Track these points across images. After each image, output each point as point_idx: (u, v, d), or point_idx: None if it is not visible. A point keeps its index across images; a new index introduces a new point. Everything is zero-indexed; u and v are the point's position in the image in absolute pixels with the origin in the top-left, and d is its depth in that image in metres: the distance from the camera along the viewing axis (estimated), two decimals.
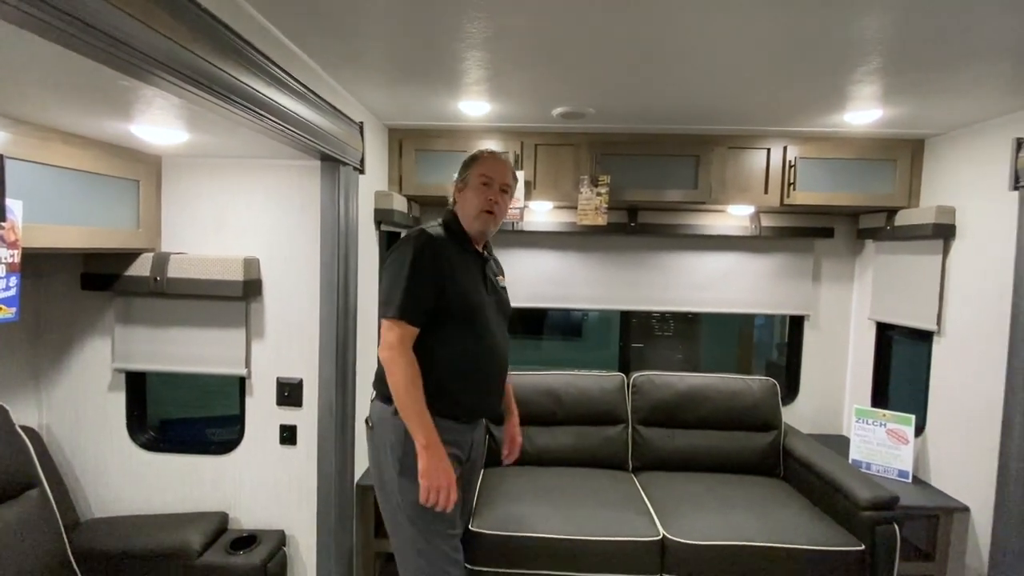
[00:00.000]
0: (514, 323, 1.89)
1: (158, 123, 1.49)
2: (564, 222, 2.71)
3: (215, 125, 1.50)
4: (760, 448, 2.62)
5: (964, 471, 2.19)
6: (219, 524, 1.96)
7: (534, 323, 5.22)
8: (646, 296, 2.93)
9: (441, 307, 1.53)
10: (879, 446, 2.42)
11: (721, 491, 2.38)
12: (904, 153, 2.43)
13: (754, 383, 2.70)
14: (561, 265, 2.93)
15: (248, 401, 2.02)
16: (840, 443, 2.66)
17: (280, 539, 1.98)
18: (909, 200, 2.45)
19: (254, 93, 1.32)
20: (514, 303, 1.88)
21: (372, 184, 2.30)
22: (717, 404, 2.66)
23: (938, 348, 2.34)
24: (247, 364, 2.00)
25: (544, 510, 2.17)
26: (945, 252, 2.30)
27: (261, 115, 1.36)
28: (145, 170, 1.89)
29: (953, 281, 2.28)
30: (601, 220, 2.47)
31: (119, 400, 2.02)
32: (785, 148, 2.45)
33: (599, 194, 2.45)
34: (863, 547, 2.01)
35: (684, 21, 1.37)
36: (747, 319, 4.53)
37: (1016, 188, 1.89)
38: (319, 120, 1.66)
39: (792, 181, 2.44)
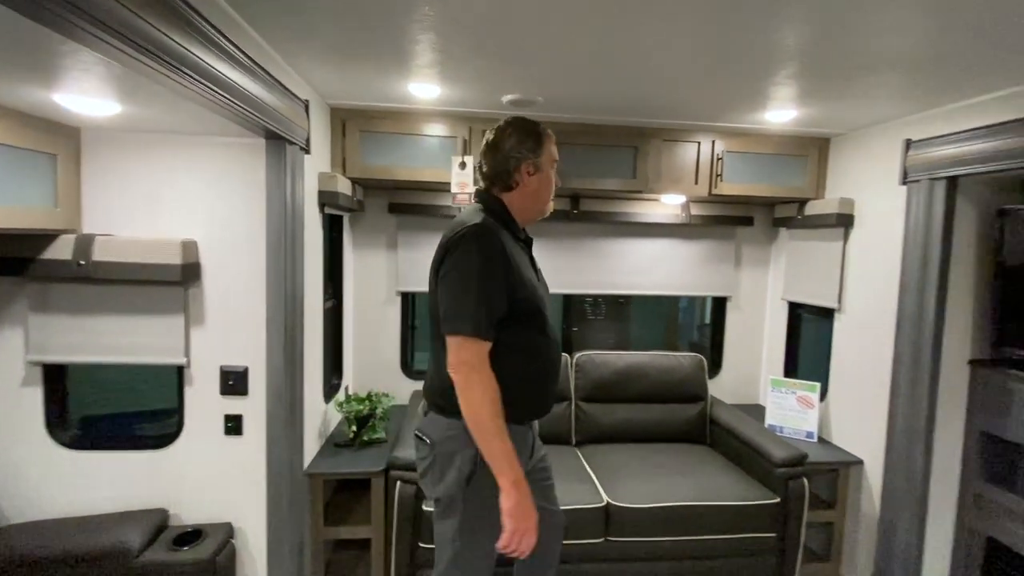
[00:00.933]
0: None
1: (92, 93, 1.37)
2: None
3: (156, 97, 1.40)
4: (689, 418, 2.85)
5: (859, 430, 2.51)
6: (159, 521, 1.86)
7: None
8: (587, 280, 3.06)
9: (511, 309, 1.37)
10: (790, 411, 2.72)
11: (655, 459, 2.57)
12: (813, 150, 2.71)
13: (684, 359, 2.92)
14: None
15: (187, 391, 1.92)
16: (757, 411, 2.95)
17: (228, 532, 1.91)
18: (817, 192, 2.74)
19: (203, 64, 1.25)
20: None
21: (315, 165, 2.23)
22: (652, 379, 2.85)
23: (838, 324, 2.66)
24: (186, 353, 1.89)
25: None
26: (845, 239, 2.61)
27: (209, 88, 1.30)
28: (63, 143, 1.72)
29: (852, 265, 2.58)
30: None
31: (35, 396, 1.85)
32: (713, 142, 2.64)
33: None
34: (778, 499, 2.27)
35: (626, 25, 1.48)
36: (672, 302, 4.83)
37: (905, 183, 2.18)
38: (266, 96, 1.59)
39: (719, 173, 2.65)
